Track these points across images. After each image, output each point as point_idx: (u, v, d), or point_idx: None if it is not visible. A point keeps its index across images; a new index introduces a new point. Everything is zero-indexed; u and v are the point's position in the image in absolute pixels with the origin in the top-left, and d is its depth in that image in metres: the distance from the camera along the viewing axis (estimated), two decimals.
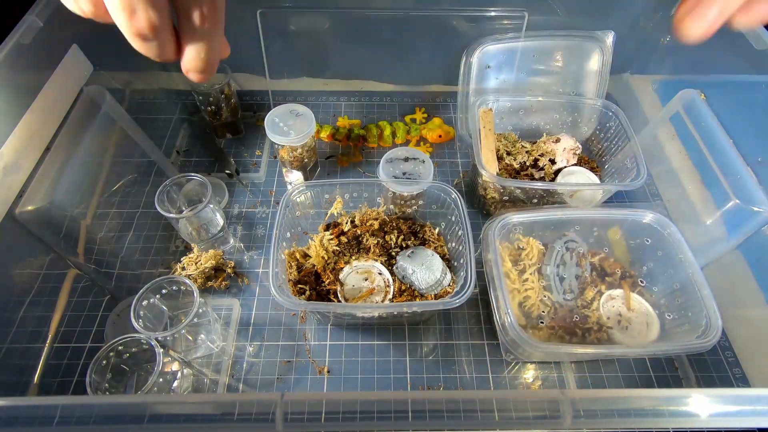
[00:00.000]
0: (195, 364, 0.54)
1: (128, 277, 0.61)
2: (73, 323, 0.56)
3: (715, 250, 0.56)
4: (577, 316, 0.55)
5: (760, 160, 0.52)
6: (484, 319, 0.58)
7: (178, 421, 0.29)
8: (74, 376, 0.52)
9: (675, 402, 0.30)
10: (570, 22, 0.71)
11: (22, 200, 0.50)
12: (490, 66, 0.74)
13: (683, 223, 0.62)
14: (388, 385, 0.53)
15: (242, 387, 0.53)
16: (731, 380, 0.54)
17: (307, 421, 0.29)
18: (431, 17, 0.71)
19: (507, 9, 0.69)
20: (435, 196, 0.59)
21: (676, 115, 0.64)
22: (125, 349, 0.48)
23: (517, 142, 0.73)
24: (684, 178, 0.64)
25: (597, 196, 0.66)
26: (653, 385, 0.54)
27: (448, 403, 0.30)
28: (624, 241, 0.60)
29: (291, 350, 0.55)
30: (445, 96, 0.84)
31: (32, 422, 0.28)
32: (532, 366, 0.55)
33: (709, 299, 0.49)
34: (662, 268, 0.56)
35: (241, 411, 0.29)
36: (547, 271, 0.57)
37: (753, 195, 0.51)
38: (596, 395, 0.31)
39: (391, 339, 0.56)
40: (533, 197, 0.64)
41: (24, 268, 0.57)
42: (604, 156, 0.71)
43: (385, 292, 0.55)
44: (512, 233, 0.59)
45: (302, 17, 0.71)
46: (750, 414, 0.30)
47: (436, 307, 0.49)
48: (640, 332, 0.53)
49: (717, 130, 0.56)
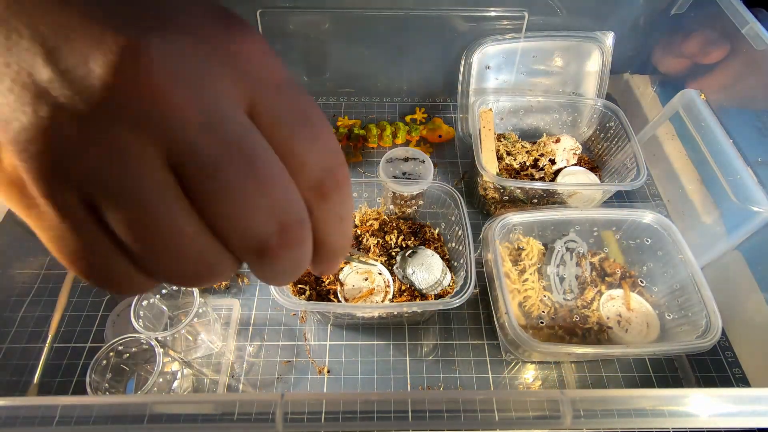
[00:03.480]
0: (195, 364, 0.54)
1: None
2: (73, 323, 0.56)
3: (715, 250, 0.56)
4: (577, 316, 0.55)
5: (760, 160, 0.52)
6: (484, 319, 0.58)
7: (178, 421, 0.29)
8: (74, 376, 0.52)
9: (675, 402, 0.30)
10: (570, 22, 0.71)
11: None
12: (489, 66, 0.74)
13: (683, 223, 0.62)
14: (388, 385, 0.53)
15: (242, 387, 0.53)
16: (731, 380, 0.54)
17: (307, 421, 0.29)
18: (431, 17, 0.71)
19: (507, 9, 0.69)
20: (435, 196, 0.59)
21: (676, 115, 0.64)
22: (125, 349, 0.48)
23: (517, 142, 0.73)
24: (684, 178, 0.64)
25: (597, 196, 0.66)
26: (653, 385, 0.54)
27: (448, 403, 0.30)
28: (617, 244, 0.60)
29: (291, 350, 0.55)
30: (445, 96, 0.84)
31: (32, 422, 0.28)
32: (532, 366, 0.55)
33: (709, 299, 0.49)
34: (662, 268, 0.56)
35: (241, 411, 0.29)
36: (547, 271, 0.57)
37: (753, 195, 0.51)
38: (596, 395, 0.31)
39: (391, 339, 0.56)
40: (533, 197, 0.64)
41: (24, 268, 0.57)
42: (604, 156, 0.71)
43: (385, 292, 0.55)
44: (512, 233, 0.59)
45: (302, 17, 0.71)
46: (750, 414, 0.30)
47: (436, 307, 0.49)
48: (640, 332, 0.53)
49: (717, 130, 0.56)
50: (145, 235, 0.14)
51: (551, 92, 0.76)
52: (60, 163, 0.13)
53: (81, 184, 0.13)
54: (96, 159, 0.13)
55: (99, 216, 0.14)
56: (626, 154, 0.64)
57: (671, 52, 0.69)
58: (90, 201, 0.14)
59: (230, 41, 0.15)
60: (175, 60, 0.13)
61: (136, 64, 0.13)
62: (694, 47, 0.64)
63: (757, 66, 0.54)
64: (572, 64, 0.73)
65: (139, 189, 0.13)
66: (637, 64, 0.77)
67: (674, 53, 0.68)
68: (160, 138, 0.13)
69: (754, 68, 0.55)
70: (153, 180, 0.13)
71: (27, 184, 0.13)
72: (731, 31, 0.56)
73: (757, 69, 0.54)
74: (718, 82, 0.60)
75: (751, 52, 0.54)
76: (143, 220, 0.14)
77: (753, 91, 0.56)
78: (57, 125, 0.13)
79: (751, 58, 0.55)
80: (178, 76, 0.13)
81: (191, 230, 0.14)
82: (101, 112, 0.13)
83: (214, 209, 0.14)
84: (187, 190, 0.14)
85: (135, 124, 0.13)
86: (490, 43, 0.72)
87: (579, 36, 0.71)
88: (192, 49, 0.14)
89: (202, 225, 0.15)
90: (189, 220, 0.14)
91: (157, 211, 0.14)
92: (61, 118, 0.13)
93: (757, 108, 0.55)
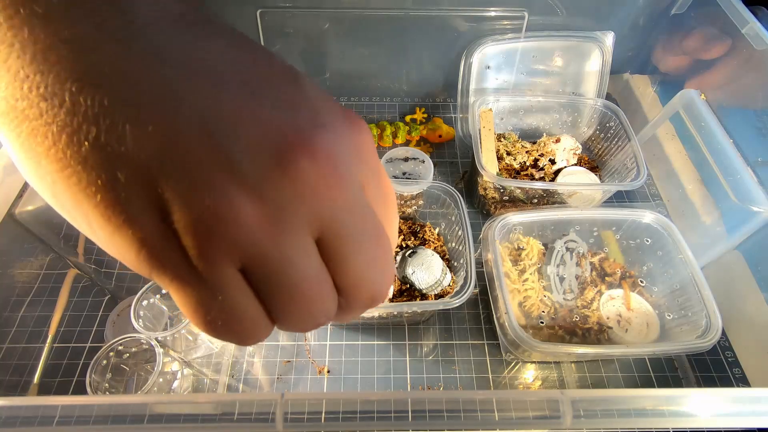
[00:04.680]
0: (195, 364, 0.54)
1: (128, 277, 0.61)
2: (73, 323, 0.56)
3: (715, 250, 0.56)
4: (577, 316, 0.55)
5: (760, 160, 0.52)
6: (484, 319, 0.58)
7: (178, 421, 0.29)
8: (74, 376, 0.52)
9: (675, 402, 0.30)
10: (570, 22, 0.71)
11: (22, 200, 0.50)
12: (489, 66, 0.74)
13: (683, 223, 0.62)
14: (388, 385, 0.53)
15: (242, 387, 0.53)
16: (731, 380, 0.54)
17: (307, 421, 0.29)
18: (431, 17, 0.71)
19: (507, 9, 0.69)
20: (435, 196, 0.59)
21: (676, 115, 0.64)
22: (125, 349, 0.48)
23: (517, 142, 0.73)
24: (684, 178, 0.64)
25: (597, 196, 0.66)
26: (653, 385, 0.54)
27: (448, 403, 0.30)
28: (617, 245, 0.60)
29: (291, 350, 0.55)
30: (445, 96, 0.84)
31: (32, 422, 0.28)
32: (532, 366, 0.55)
33: (709, 299, 0.49)
34: (662, 268, 0.56)
35: (241, 411, 0.29)
36: (547, 271, 0.57)
37: (753, 195, 0.51)
38: (596, 395, 0.31)
39: (391, 339, 0.56)
40: (533, 197, 0.64)
41: (24, 268, 0.57)
42: (604, 156, 0.71)
43: None
44: (512, 233, 0.59)
45: (302, 17, 0.71)
46: (750, 414, 0.30)
47: (436, 307, 0.49)
48: (640, 332, 0.53)
49: (717, 130, 0.56)
50: (292, 301, 0.16)
51: (551, 92, 0.76)
52: (233, 243, 0.14)
53: (247, 260, 0.15)
54: (267, 242, 0.15)
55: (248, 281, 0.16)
56: (626, 154, 0.64)
57: (671, 50, 0.69)
58: (244, 270, 0.15)
59: (354, 136, 0.18)
60: (334, 156, 0.16)
61: (316, 164, 0.15)
62: (694, 43, 0.64)
63: (757, 66, 0.54)
64: (572, 64, 0.73)
65: (298, 265, 0.16)
66: (637, 64, 0.77)
67: (674, 51, 0.68)
68: (321, 224, 0.16)
69: (754, 68, 0.55)
70: (309, 256, 0.16)
71: (191, 258, 0.14)
72: (731, 30, 0.56)
73: (757, 69, 0.54)
74: (718, 82, 0.60)
75: (751, 51, 0.54)
76: (295, 288, 0.16)
77: (753, 90, 0.56)
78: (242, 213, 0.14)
79: (751, 57, 0.55)
80: (339, 173, 0.16)
81: (328, 293, 0.17)
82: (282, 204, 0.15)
83: (350, 271, 0.17)
84: (329, 259, 0.17)
85: (306, 215, 0.15)
86: (490, 43, 0.71)
87: (579, 36, 0.71)
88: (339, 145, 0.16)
89: (333, 287, 0.17)
90: (329, 286, 0.17)
91: (308, 282, 0.16)
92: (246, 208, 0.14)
93: (757, 108, 0.55)
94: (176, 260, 0.14)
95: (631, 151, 0.63)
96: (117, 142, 0.13)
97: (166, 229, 0.14)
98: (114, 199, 0.14)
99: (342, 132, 0.17)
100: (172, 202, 0.14)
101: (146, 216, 0.14)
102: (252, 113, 0.15)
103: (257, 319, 0.16)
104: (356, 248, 0.17)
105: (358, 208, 0.17)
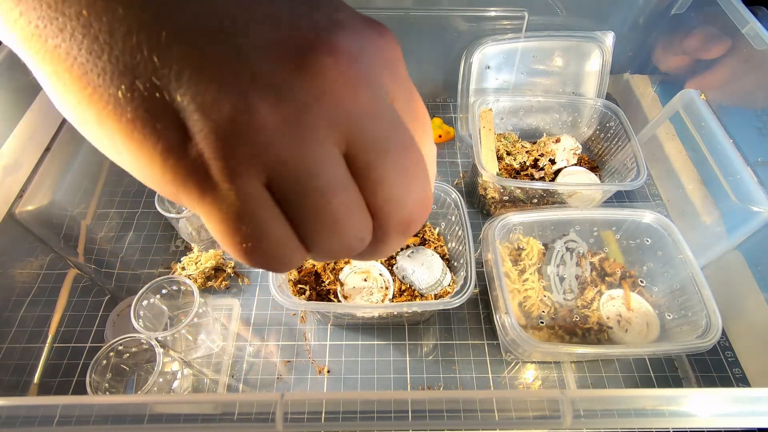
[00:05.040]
0: (195, 364, 0.54)
1: (128, 277, 0.61)
2: (73, 323, 0.56)
3: (715, 250, 0.56)
4: (577, 316, 0.55)
5: (760, 160, 0.52)
6: (484, 319, 0.58)
7: (178, 421, 0.29)
8: (74, 376, 0.52)
9: (675, 402, 0.30)
10: (570, 22, 0.71)
11: (22, 200, 0.50)
12: (489, 66, 0.74)
13: (683, 223, 0.62)
14: (388, 385, 0.53)
15: (242, 387, 0.53)
16: (731, 380, 0.54)
17: (307, 421, 0.29)
18: (431, 17, 0.71)
19: (507, 9, 0.69)
20: (435, 196, 0.59)
21: (676, 115, 0.64)
22: (125, 349, 0.48)
23: (517, 142, 0.73)
24: (684, 178, 0.64)
25: (597, 196, 0.66)
26: (653, 385, 0.54)
27: (448, 403, 0.30)
28: (617, 245, 0.60)
29: (291, 350, 0.55)
30: (445, 96, 0.84)
31: (32, 422, 0.28)
32: (532, 366, 0.55)
33: (709, 299, 0.49)
34: (662, 268, 0.56)
35: (241, 411, 0.29)
36: (547, 271, 0.57)
37: (753, 195, 0.51)
38: (596, 395, 0.31)
39: (391, 339, 0.56)
40: (533, 197, 0.64)
41: (24, 268, 0.57)
42: (604, 156, 0.71)
43: (385, 292, 0.55)
44: (512, 233, 0.59)
45: None
46: (750, 414, 0.30)
47: (436, 307, 0.49)
48: (640, 332, 0.53)
49: (717, 130, 0.56)
50: (319, 215, 0.15)
51: (551, 92, 0.76)
52: (253, 151, 0.14)
53: (270, 170, 0.14)
54: (288, 148, 0.14)
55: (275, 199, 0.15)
56: (626, 154, 0.64)
57: (672, 50, 0.69)
58: (269, 185, 0.14)
59: (378, 39, 0.16)
60: (356, 56, 0.15)
61: (337, 63, 0.14)
62: (694, 43, 0.64)
63: (757, 65, 0.54)
64: (572, 64, 0.73)
65: (323, 174, 0.14)
66: (637, 64, 0.77)
67: (675, 51, 0.68)
68: (345, 130, 0.15)
69: (754, 68, 0.55)
70: (335, 165, 0.15)
71: (213, 171, 0.14)
72: (731, 30, 0.56)
73: (757, 68, 0.54)
74: (718, 82, 0.60)
75: (751, 51, 0.54)
76: (321, 200, 0.15)
77: (753, 90, 0.56)
78: (260, 118, 0.14)
79: (751, 57, 0.55)
80: (362, 75, 0.15)
81: (358, 210, 0.16)
82: (302, 106, 0.14)
83: (379, 187, 0.16)
84: (357, 174, 0.15)
85: (328, 118, 0.14)
86: (490, 43, 0.72)
87: (579, 36, 0.71)
88: (361, 47, 0.15)
89: (364, 205, 0.16)
90: (359, 203, 0.16)
91: (335, 193, 0.15)
92: (265, 112, 0.14)
93: (757, 108, 0.55)
94: (200, 176, 0.14)
95: (631, 151, 0.63)
96: (132, 51, 0.13)
97: (188, 142, 0.14)
98: (134, 111, 0.13)
99: (366, 34, 0.16)
100: (190, 113, 0.13)
101: (169, 130, 0.14)
102: (266, 12, 0.14)
103: (286, 241, 0.15)
104: (384, 160, 0.15)
105: (385, 114, 0.15)
